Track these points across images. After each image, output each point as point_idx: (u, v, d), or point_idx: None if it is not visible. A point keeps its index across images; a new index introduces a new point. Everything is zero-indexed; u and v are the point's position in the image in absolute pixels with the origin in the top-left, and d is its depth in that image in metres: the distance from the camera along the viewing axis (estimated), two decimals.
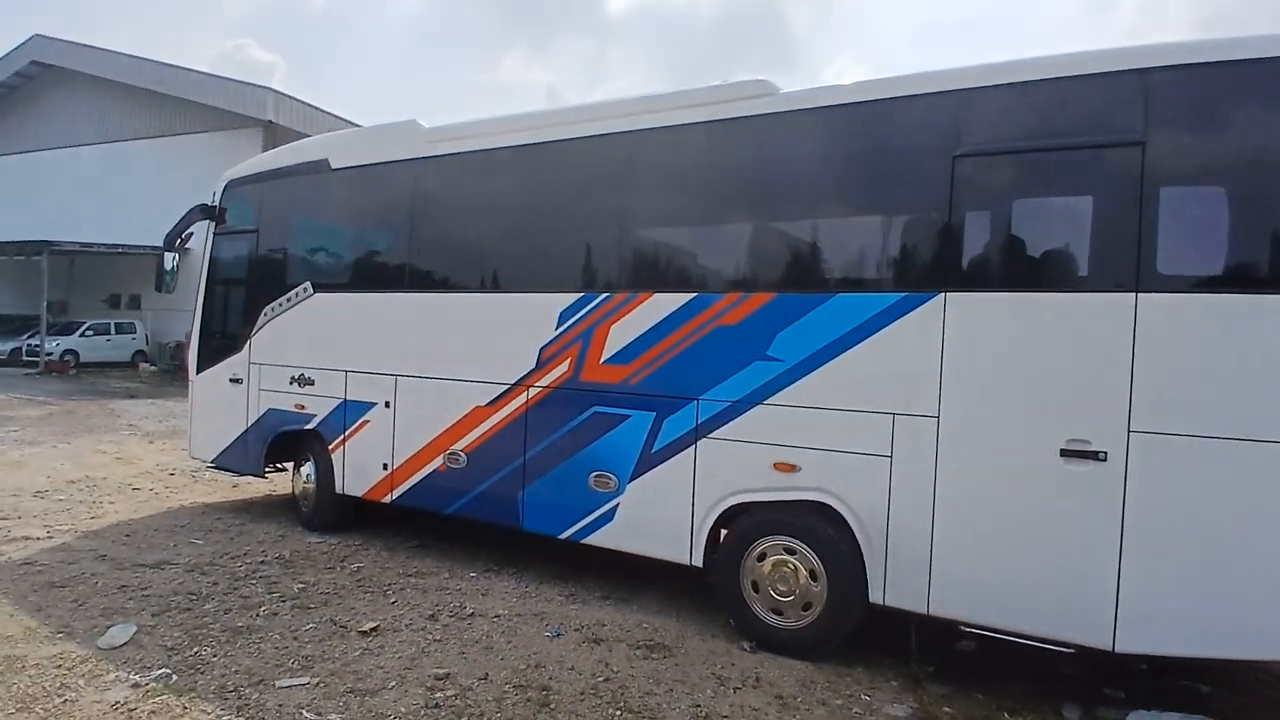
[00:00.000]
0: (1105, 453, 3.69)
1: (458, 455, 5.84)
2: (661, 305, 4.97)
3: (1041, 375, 3.88)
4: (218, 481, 8.63)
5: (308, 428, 6.75)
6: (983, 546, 3.99)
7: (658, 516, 4.96)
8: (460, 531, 6.54)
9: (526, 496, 5.51)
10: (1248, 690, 4.37)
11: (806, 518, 4.48)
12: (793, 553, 4.53)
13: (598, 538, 5.20)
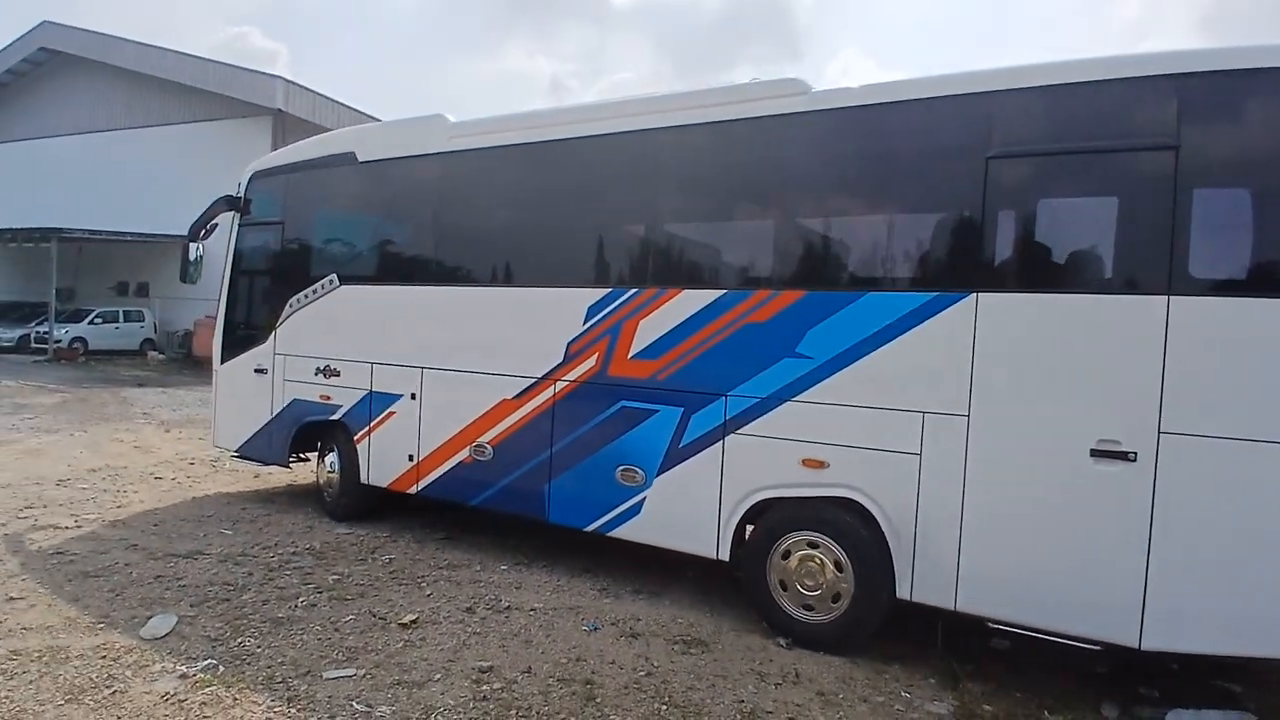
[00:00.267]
0: (1135, 453, 3.74)
1: (484, 448, 5.90)
2: (690, 301, 5.01)
3: (1073, 376, 3.92)
4: (239, 471, 8.71)
5: (333, 418, 6.83)
6: (1010, 544, 4.05)
7: (684, 511, 5.01)
8: (485, 524, 6.61)
9: (553, 489, 5.57)
10: (1278, 689, 4.40)
11: (834, 513, 4.55)
12: (816, 546, 4.60)
13: (624, 531, 5.27)
